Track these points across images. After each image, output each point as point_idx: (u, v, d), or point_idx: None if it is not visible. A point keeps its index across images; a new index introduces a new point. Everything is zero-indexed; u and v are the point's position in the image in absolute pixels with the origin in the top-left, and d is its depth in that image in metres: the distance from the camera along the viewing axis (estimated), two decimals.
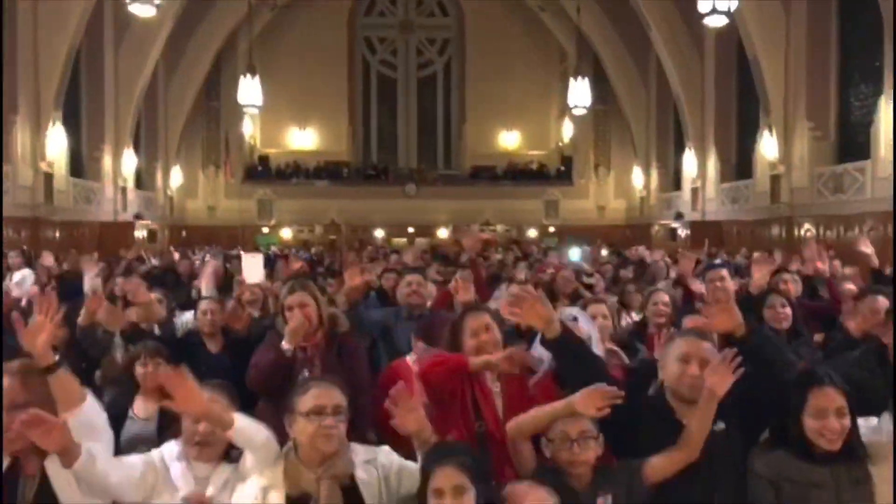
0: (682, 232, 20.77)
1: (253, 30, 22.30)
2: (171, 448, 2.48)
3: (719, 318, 2.69)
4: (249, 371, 3.46)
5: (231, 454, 2.45)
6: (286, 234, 26.19)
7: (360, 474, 2.34)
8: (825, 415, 2.41)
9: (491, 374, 2.95)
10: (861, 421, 2.53)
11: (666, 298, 4.52)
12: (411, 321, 4.54)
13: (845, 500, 2.43)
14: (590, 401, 2.43)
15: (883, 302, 3.90)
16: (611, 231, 24.84)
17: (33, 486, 2.25)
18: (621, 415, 2.46)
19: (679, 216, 21.66)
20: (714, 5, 12.84)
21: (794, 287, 5.32)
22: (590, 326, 3.35)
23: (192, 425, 2.40)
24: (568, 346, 2.70)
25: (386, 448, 2.49)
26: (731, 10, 13.13)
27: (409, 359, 3.83)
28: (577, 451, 2.40)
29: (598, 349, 3.18)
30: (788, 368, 2.76)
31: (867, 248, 5.79)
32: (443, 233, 26.20)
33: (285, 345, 3.39)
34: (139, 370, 3.52)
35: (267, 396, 3.39)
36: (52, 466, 2.24)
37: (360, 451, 2.42)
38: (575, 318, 3.28)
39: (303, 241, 25.04)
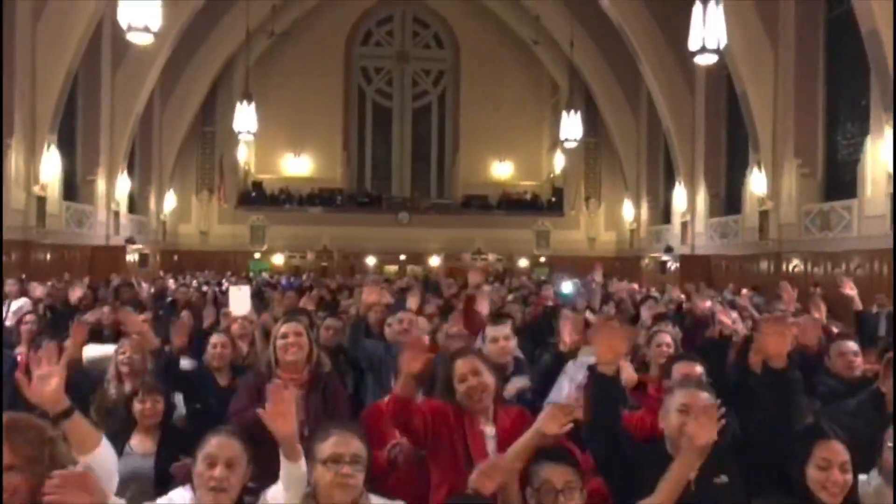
0: (672, 265, 20.90)
1: (250, 57, 22.55)
2: (181, 495, 2.43)
3: (772, 339, 2.73)
4: (231, 419, 3.36)
5: (243, 500, 2.41)
6: (278, 259, 26.21)
7: None
8: (830, 467, 2.42)
9: (483, 416, 2.96)
10: None
11: (668, 339, 4.45)
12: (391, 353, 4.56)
13: None
14: (552, 420, 2.48)
15: (851, 346, 4.02)
16: (601, 263, 24.90)
17: None
18: (625, 461, 2.49)
19: (669, 249, 21.80)
20: (704, 43, 13.03)
21: None
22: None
23: (207, 470, 2.33)
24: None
25: (401, 503, 2.50)
26: (721, 47, 13.34)
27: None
28: (563, 502, 2.40)
29: None
30: (799, 414, 2.79)
31: (851, 290, 5.88)
32: (435, 261, 26.30)
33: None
34: (137, 406, 3.52)
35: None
36: None
37: (376, 502, 2.42)
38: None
39: (295, 268, 25.09)
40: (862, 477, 2.60)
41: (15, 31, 15.40)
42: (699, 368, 3.50)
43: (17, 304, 7.45)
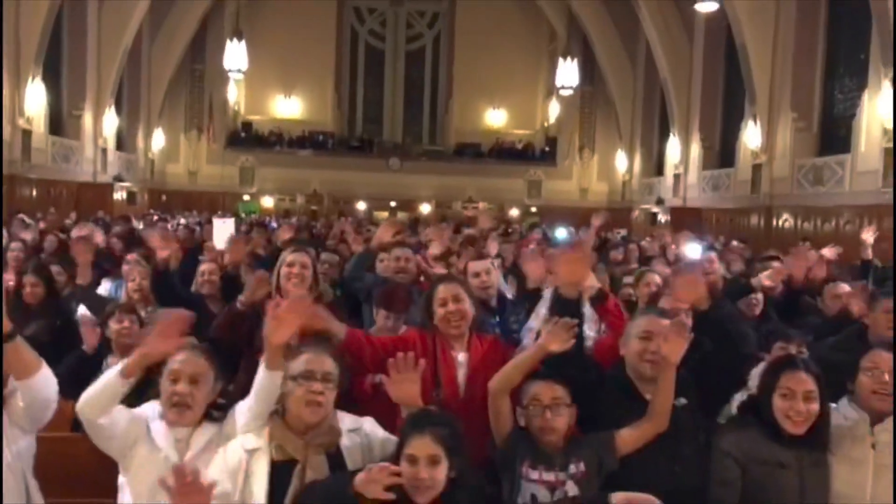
0: (663, 217, 20.89)
1: None
2: (152, 406, 2.44)
3: (683, 290, 2.84)
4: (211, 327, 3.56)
5: (212, 414, 2.43)
6: (268, 202, 26.05)
7: (345, 442, 2.37)
8: (794, 396, 2.46)
9: (458, 343, 3.01)
10: None
11: (658, 279, 4.48)
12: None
13: (806, 483, 2.48)
14: (555, 337, 2.55)
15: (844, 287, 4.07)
16: (592, 213, 24.88)
17: None
18: (586, 389, 2.52)
19: (660, 201, 21.78)
20: None
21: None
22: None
23: (170, 386, 2.35)
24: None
25: (370, 419, 2.51)
26: None
27: (372, 330, 3.82)
28: (550, 417, 2.46)
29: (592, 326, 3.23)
30: (746, 341, 2.86)
31: (869, 238, 5.94)
32: (425, 208, 26.18)
33: (242, 299, 3.50)
34: (113, 326, 3.53)
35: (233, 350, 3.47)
36: None
37: (346, 420, 2.44)
38: None
39: (284, 211, 24.93)
40: (832, 405, 2.62)
41: None
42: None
43: None
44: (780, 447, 2.49)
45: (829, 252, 5.91)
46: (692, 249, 7.24)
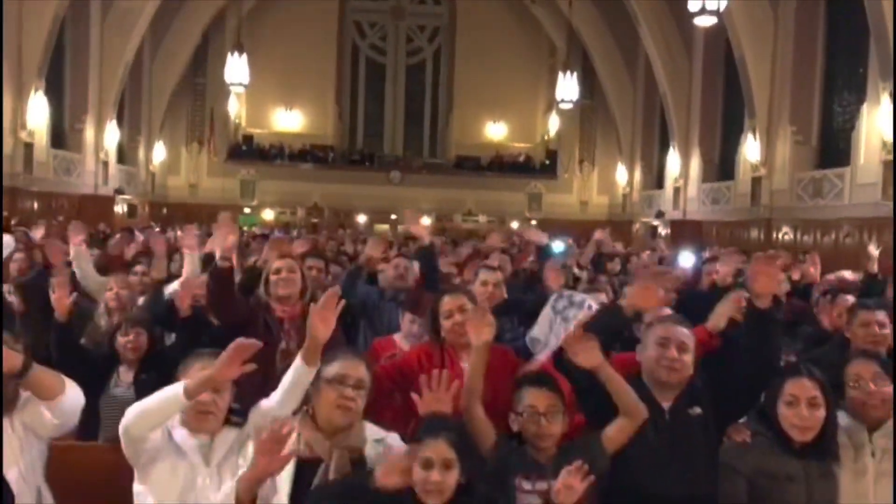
0: (663, 230, 20.92)
1: (242, 7, 22.10)
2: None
3: (761, 278, 2.72)
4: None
5: (232, 419, 2.48)
6: (268, 215, 26.06)
7: (370, 451, 2.41)
8: (797, 403, 2.45)
9: (465, 353, 2.99)
10: None
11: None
12: (394, 302, 4.59)
13: (814, 495, 2.47)
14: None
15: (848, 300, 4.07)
16: (593, 226, 24.81)
17: None
18: (601, 392, 2.52)
19: (660, 214, 21.82)
20: (704, 5, 12.88)
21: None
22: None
23: None
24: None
25: (396, 434, 2.55)
26: (721, 9, 13.19)
27: (397, 336, 3.87)
28: (546, 425, 2.48)
29: None
30: (777, 355, 2.82)
31: (874, 251, 5.96)
32: (425, 221, 26.15)
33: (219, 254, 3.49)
34: (120, 339, 3.54)
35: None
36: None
37: (372, 430, 2.49)
38: (590, 306, 3.35)
39: (285, 224, 24.95)
40: None
41: None
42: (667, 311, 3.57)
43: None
44: (788, 458, 2.47)
45: (873, 249, 5.97)
46: (685, 258, 7.34)
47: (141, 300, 4.38)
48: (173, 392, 2.26)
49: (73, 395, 2.29)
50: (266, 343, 3.34)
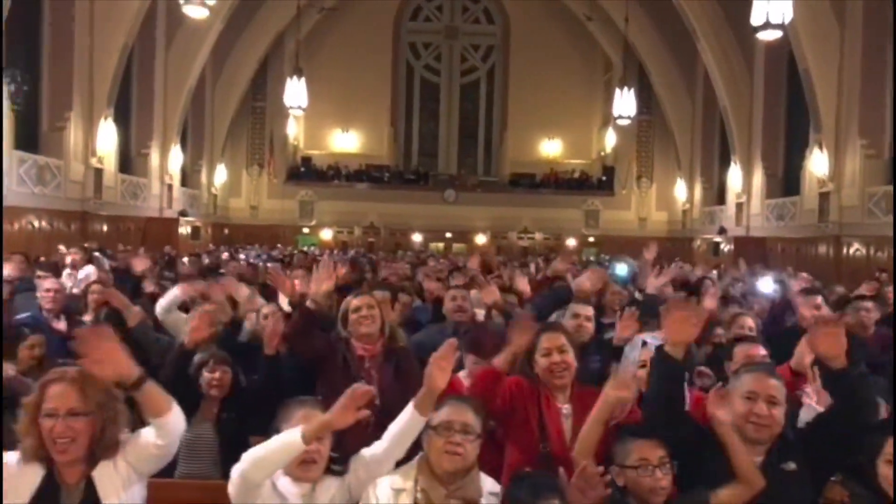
0: (726, 247, 20.42)
1: (300, 32, 22.55)
2: None
3: (824, 341, 2.56)
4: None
5: (332, 468, 2.47)
6: (326, 234, 26.42)
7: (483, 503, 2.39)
8: None
9: (561, 394, 2.93)
10: None
11: (751, 323, 4.26)
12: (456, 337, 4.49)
13: None
14: (621, 385, 2.55)
15: None
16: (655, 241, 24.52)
17: (77, 496, 2.22)
18: (686, 447, 2.41)
19: (722, 231, 21.31)
20: (768, 18, 12.56)
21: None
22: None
23: None
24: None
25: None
26: (786, 22, 12.85)
27: (462, 374, 3.78)
28: (660, 477, 2.37)
29: None
30: (875, 411, 2.67)
31: None
32: (481, 239, 26.18)
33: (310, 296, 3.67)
34: (206, 375, 3.58)
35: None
36: (100, 474, 2.24)
37: (487, 482, 2.46)
38: (644, 343, 3.22)
39: (342, 243, 25.27)
40: None
41: (73, 7, 15.70)
42: (762, 350, 3.40)
43: (84, 272, 7.59)
44: None
45: None
46: (764, 283, 6.97)
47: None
48: (291, 438, 2.26)
49: (178, 416, 2.31)
50: (343, 379, 3.38)
